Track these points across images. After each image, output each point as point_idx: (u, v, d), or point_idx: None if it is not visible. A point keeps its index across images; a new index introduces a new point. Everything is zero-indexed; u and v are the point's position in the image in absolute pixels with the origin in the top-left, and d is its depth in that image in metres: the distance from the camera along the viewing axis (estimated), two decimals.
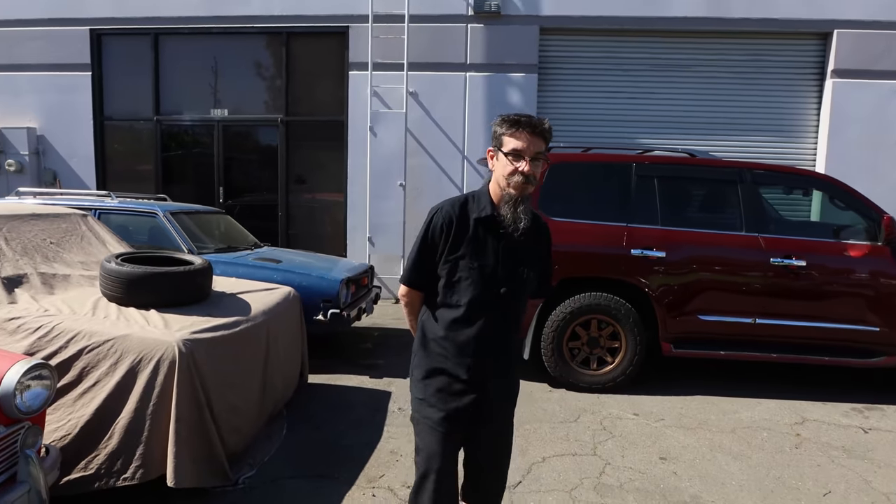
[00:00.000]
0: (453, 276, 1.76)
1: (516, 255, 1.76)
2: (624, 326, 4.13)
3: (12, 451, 2.08)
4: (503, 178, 1.69)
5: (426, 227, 1.78)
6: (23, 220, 3.46)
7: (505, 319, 1.79)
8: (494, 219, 1.72)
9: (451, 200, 1.80)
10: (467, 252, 1.74)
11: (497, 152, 1.72)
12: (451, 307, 1.79)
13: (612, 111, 7.43)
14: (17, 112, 8.10)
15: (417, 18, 7.16)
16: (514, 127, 1.67)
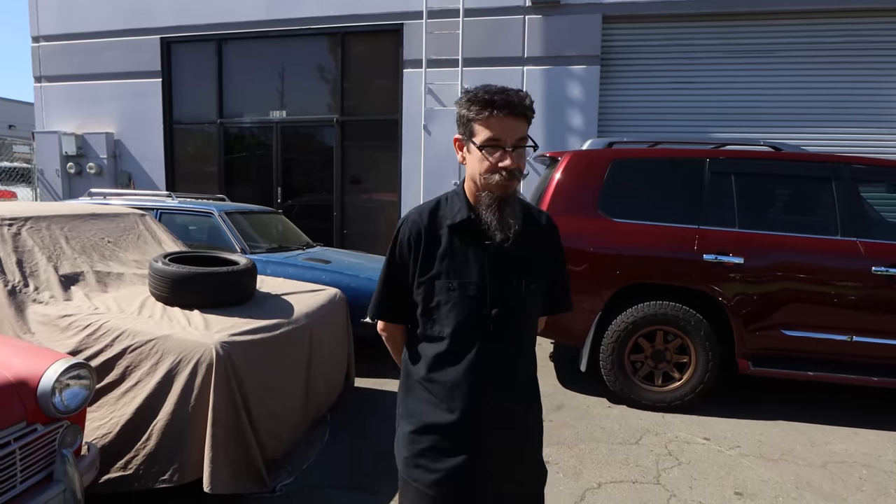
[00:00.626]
0: (430, 301, 1.39)
1: (510, 265, 1.39)
2: (694, 339, 3.76)
3: (50, 450, 2.08)
4: (479, 176, 1.33)
5: (392, 245, 1.44)
6: (83, 220, 3.54)
7: (504, 349, 1.40)
8: (473, 223, 1.37)
9: (418, 207, 1.46)
10: (443, 269, 1.38)
11: (467, 142, 1.35)
12: (433, 340, 1.41)
13: (682, 103, 6.93)
14: (97, 118, 8.58)
15: (473, 12, 6.97)
16: (486, 109, 1.28)
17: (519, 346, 1.44)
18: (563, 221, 3.96)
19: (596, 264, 3.91)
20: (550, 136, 6.91)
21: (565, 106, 6.89)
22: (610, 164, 3.99)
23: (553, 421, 3.67)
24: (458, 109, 1.36)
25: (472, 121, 1.31)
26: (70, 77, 8.67)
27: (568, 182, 4.03)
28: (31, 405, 1.99)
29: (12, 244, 3.01)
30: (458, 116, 1.36)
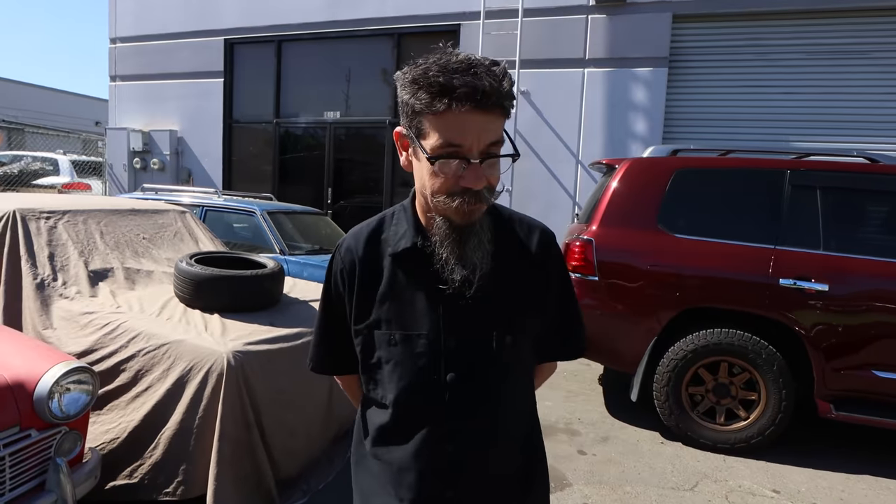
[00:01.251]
0: (369, 355, 1.03)
1: (477, 312, 0.98)
2: (765, 375, 3.31)
3: (45, 457, 1.98)
4: (432, 192, 0.91)
5: (326, 278, 1.10)
6: (121, 215, 3.52)
7: (466, 429, 1.00)
8: (421, 253, 0.98)
9: (356, 229, 1.09)
10: (382, 315, 1.00)
11: (413, 143, 0.92)
12: (377, 406, 1.06)
13: (757, 109, 6.33)
14: (162, 116, 8.88)
15: (532, 12, 6.67)
16: (441, 98, 0.84)
17: (494, 423, 1.02)
18: (619, 235, 3.66)
19: (652, 283, 3.52)
20: (611, 142, 6.51)
21: (628, 111, 6.46)
22: (673, 173, 3.60)
23: (597, 455, 3.32)
24: (399, 90, 0.91)
25: (420, 114, 0.88)
26: (141, 77, 9.03)
27: (625, 192, 3.67)
28: (27, 409, 1.89)
29: (47, 237, 3.00)
30: (401, 102, 0.91)
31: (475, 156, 0.87)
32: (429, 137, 0.89)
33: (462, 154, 0.87)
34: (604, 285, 3.60)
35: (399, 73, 0.92)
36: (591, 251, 3.59)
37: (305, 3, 7.81)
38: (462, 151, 0.87)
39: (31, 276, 2.81)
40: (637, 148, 6.31)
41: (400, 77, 0.91)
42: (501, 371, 1.01)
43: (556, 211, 6.75)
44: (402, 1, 7.32)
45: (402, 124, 0.94)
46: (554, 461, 3.21)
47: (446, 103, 0.84)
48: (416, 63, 0.89)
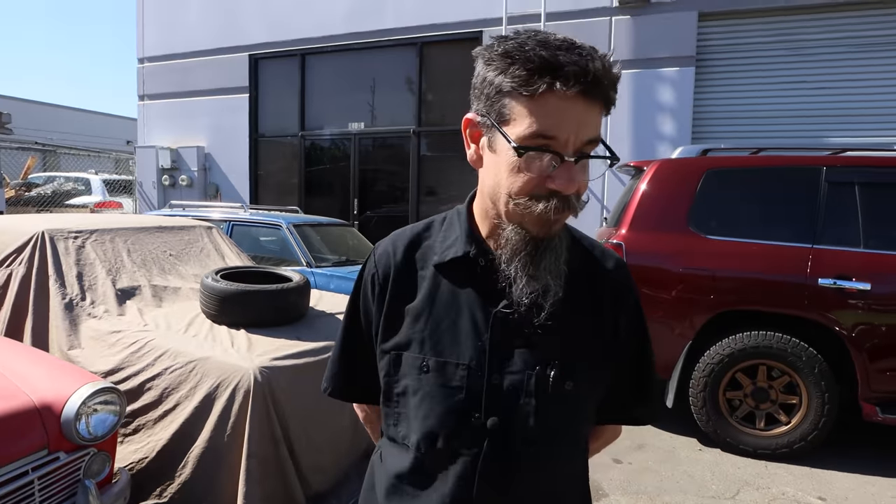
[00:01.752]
0: (394, 383, 0.86)
1: (536, 344, 0.81)
2: (806, 378, 3.17)
3: (74, 479, 1.98)
4: (506, 197, 0.76)
5: (355, 287, 0.96)
6: (148, 233, 3.57)
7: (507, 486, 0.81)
8: (474, 264, 0.84)
9: (397, 233, 0.94)
10: (415, 335, 0.84)
11: (491, 131, 0.77)
12: (396, 446, 0.88)
13: (789, 105, 6.13)
14: (190, 133, 9.07)
15: (554, 16, 6.61)
16: (539, 78, 0.69)
17: (541, 481, 0.83)
18: (649, 238, 3.56)
19: (686, 287, 3.42)
20: (638, 144, 6.39)
21: (655, 112, 6.32)
22: (704, 174, 3.49)
23: (632, 464, 3.22)
24: (481, 67, 0.76)
25: (509, 95, 0.72)
26: (168, 95, 9.24)
27: (654, 194, 3.57)
28: (55, 432, 1.90)
29: (75, 257, 3.05)
30: (479, 81, 0.76)
31: (570, 153, 0.72)
32: (516, 125, 0.73)
33: (556, 149, 0.72)
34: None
35: (481, 48, 0.77)
36: (622, 255, 3.49)
37: (327, 16, 7.89)
38: (556, 146, 0.72)
39: (59, 295, 2.85)
40: (665, 149, 6.17)
41: (483, 52, 0.76)
42: (550, 421, 0.81)
43: (584, 215, 6.29)
44: (423, 10, 7.33)
45: (476, 110, 0.79)
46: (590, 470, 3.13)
47: (548, 82, 0.69)
48: (505, 38, 0.74)
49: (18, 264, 2.91)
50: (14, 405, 1.82)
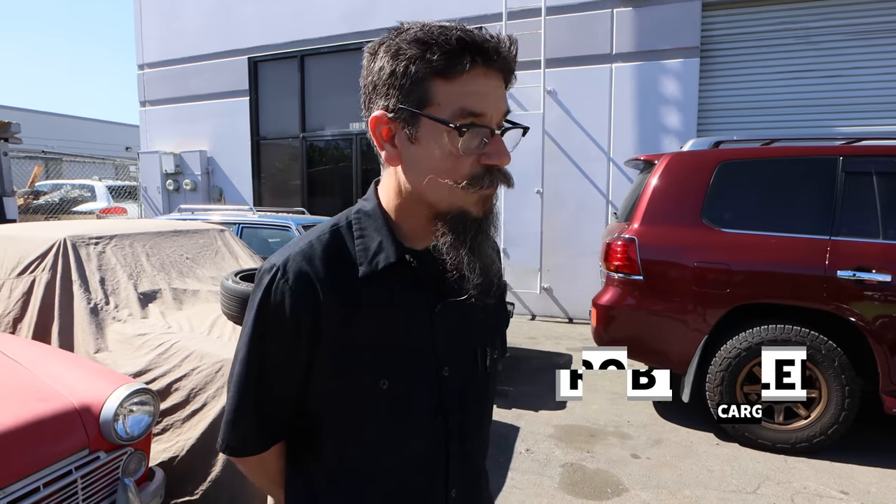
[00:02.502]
0: (342, 417, 0.81)
1: (467, 331, 0.86)
2: (825, 371, 3.18)
3: (113, 478, 2.00)
4: (447, 185, 0.74)
5: (256, 321, 0.78)
6: (165, 237, 3.58)
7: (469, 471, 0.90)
8: (408, 268, 0.80)
9: (300, 248, 0.79)
10: (363, 358, 0.78)
11: (417, 122, 0.74)
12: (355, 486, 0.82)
13: (798, 95, 6.11)
14: (192, 137, 9.06)
15: (555, 10, 6.61)
16: (462, 54, 0.70)
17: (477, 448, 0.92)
18: (662, 233, 3.57)
19: (700, 281, 3.43)
20: (643, 138, 6.39)
21: (659, 104, 6.34)
22: (717, 166, 3.51)
23: (651, 459, 3.24)
24: (389, 62, 0.74)
25: (429, 78, 0.71)
26: (169, 100, 9.23)
27: (666, 188, 3.59)
28: (94, 432, 1.92)
29: (97, 262, 3.06)
30: (391, 74, 0.73)
31: (498, 123, 0.74)
32: (440, 109, 0.71)
33: (487, 124, 0.72)
34: (648, 284, 3.52)
35: (374, 43, 0.76)
36: (634, 250, 3.52)
37: (324, 17, 7.89)
38: (484, 121, 0.72)
39: (84, 300, 2.87)
40: (670, 142, 6.19)
41: (384, 45, 0.74)
42: (488, 404, 0.93)
43: (589, 211, 6.65)
44: (418, 7, 7.32)
45: (385, 106, 0.75)
46: (607, 465, 3.15)
47: (471, 60, 0.69)
48: (402, 28, 0.74)
49: (42, 271, 2.93)
50: (56, 407, 1.84)
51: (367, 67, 0.78)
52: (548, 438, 3.50)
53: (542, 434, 3.55)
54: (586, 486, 2.94)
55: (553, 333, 6.24)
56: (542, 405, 4.04)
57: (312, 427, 0.82)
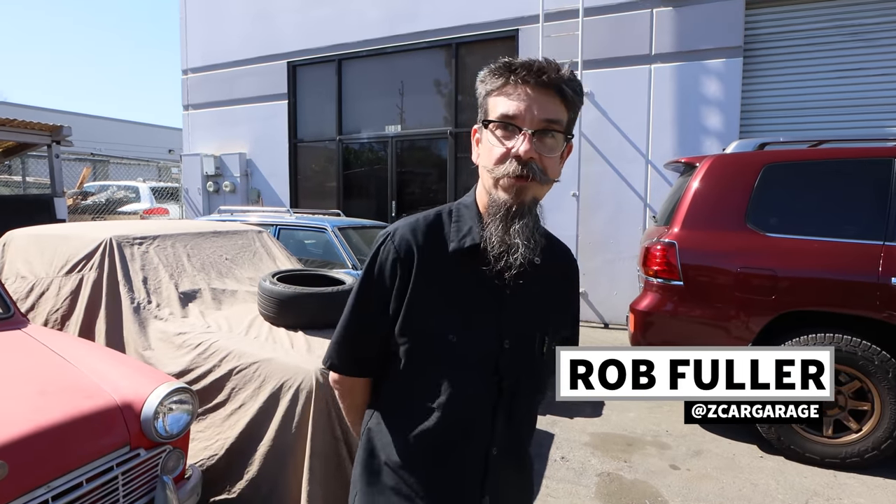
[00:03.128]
0: (416, 359, 1.00)
1: (528, 316, 1.03)
2: (878, 383, 3.03)
3: (152, 475, 2.05)
4: (486, 171, 0.97)
5: (368, 269, 1.03)
6: (205, 238, 3.67)
7: (513, 437, 1.05)
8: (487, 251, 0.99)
9: (410, 221, 1.03)
10: (442, 316, 0.98)
11: (481, 129, 1.00)
12: (416, 411, 1.01)
13: (847, 94, 5.86)
14: (232, 140, 9.28)
15: (593, 11, 6.52)
16: (500, 76, 0.94)
17: (528, 434, 1.11)
18: (704, 237, 3.47)
19: (744, 287, 3.32)
20: (683, 140, 6.23)
21: (700, 106, 6.17)
22: (762, 169, 3.39)
23: (691, 470, 3.14)
24: (477, 87, 1.01)
25: (488, 95, 0.97)
26: (211, 104, 9.49)
27: (708, 191, 3.48)
28: (135, 429, 1.97)
29: (140, 262, 3.15)
30: (478, 98, 1.01)
31: (531, 125, 0.92)
32: (490, 115, 0.97)
33: (516, 125, 0.93)
34: (689, 290, 3.42)
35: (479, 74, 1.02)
36: (675, 254, 3.43)
37: (363, 21, 7.98)
38: (516, 122, 0.93)
39: (128, 299, 2.95)
40: (711, 144, 6.01)
41: (477, 76, 1.01)
42: (543, 380, 1.07)
43: (626, 214, 6.52)
44: (458, 11, 7.34)
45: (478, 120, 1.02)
46: (645, 476, 3.07)
47: (506, 77, 0.93)
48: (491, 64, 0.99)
49: (89, 269, 3.03)
50: (100, 404, 1.89)
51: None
52: (583, 446, 3.43)
53: (577, 442, 3.49)
54: (623, 497, 2.87)
55: (589, 339, 6.14)
56: (578, 412, 3.97)
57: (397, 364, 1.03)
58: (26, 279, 3.26)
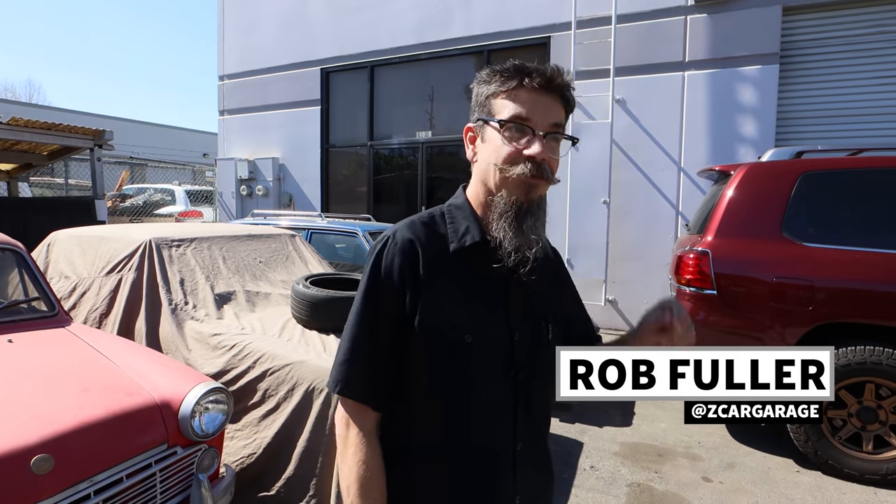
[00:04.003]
0: (437, 364, 0.96)
1: (532, 307, 1.04)
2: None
3: (188, 473, 2.10)
4: (494, 168, 0.97)
5: (371, 274, 0.98)
6: (240, 241, 3.75)
7: (534, 431, 1.06)
8: (487, 247, 0.99)
9: (407, 223, 1.02)
10: (453, 314, 0.96)
11: (482, 127, 1.00)
12: (448, 423, 0.98)
13: (885, 102, 5.68)
14: (266, 145, 9.47)
15: (626, 18, 6.46)
16: (514, 78, 0.96)
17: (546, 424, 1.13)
18: (738, 246, 3.40)
19: (780, 297, 3.24)
20: (716, 148, 6.12)
21: (735, 113, 6.05)
22: (799, 177, 3.31)
23: (724, 483, 3.08)
24: (475, 87, 1.02)
25: (494, 95, 0.98)
26: (246, 109, 9.71)
27: (743, 200, 3.42)
28: (173, 428, 2.02)
29: (178, 264, 3.24)
30: (474, 97, 1.02)
31: (542, 128, 0.96)
32: (500, 112, 0.97)
33: (529, 126, 0.96)
34: (723, 300, 3.36)
35: (476, 77, 1.04)
36: (708, 263, 3.37)
37: (396, 27, 8.07)
38: (530, 124, 0.96)
39: (166, 300, 3.04)
40: (746, 152, 5.89)
41: (477, 78, 1.03)
42: (552, 367, 1.03)
43: (658, 222, 6.43)
44: (489, 18, 7.36)
45: (472, 119, 1.03)
46: (677, 488, 3.02)
47: (518, 80, 0.96)
48: (490, 67, 1.02)
49: (128, 270, 3.13)
50: (139, 402, 1.96)
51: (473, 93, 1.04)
52: (613, 456, 3.39)
53: (606, 451, 3.45)
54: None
55: None
56: (607, 421, 3.93)
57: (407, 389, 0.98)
58: (69, 279, 3.39)
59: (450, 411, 0.97)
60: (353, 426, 0.97)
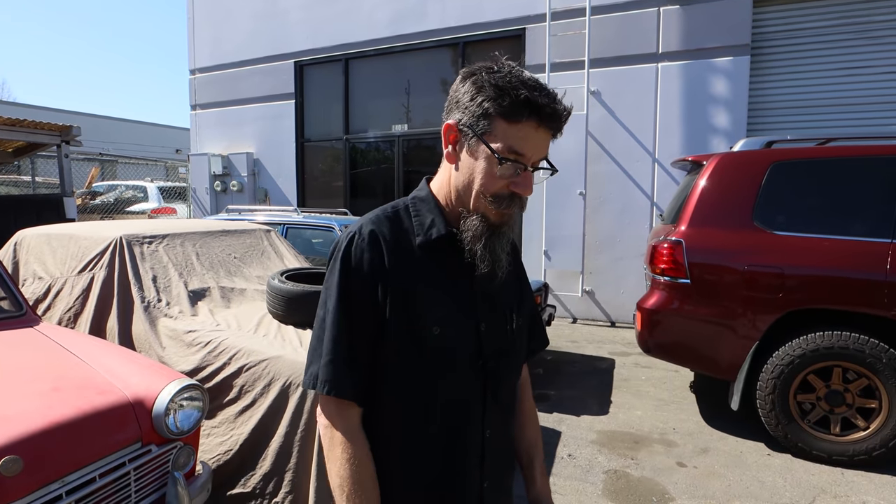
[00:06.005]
0: (407, 356, 0.97)
1: (496, 298, 1.06)
2: (886, 381, 3.02)
3: (163, 471, 2.07)
4: (477, 193, 0.95)
5: (342, 269, 0.96)
6: (214, 237, 3.69)
7: (502, 418, 1.08)
8: (453, 241, 0.99)
9: (372, 217, 1.01)
10: (418, 310, 0.96)
11: (476, 142, 0.94)
12: (419, 414, 0.99)
13: (855, 92, 5.85)
14: (240, 140, 9.33)
15: (600, 10, 6.51)
16: (525, 111, 0.90)
17: (512, 413, 1.15)
18: (710, 235, 3.47)
19: (751, 285, 3.31)
20: (690, 138, 6.22)
21: (707, 104, 6.15)
22: (769, 167, 3.38)
23: (698, 468, 3.14)
24: (471, 90, 0.94)
25: (497, 116, 0.91)
26: (218, 104, 9.54)
27: (715, 189, 3.48)
28: (147, 426, 1.99)
29: (150, 261, 3.18)
30: (471, 100, 0.93)
31: (534, 164, 0.95)
32: (495, 139, 0.92)
33: (523, 162, 0.93)
34: (696, 288, 3.42)
35: (468, 70, 0.97)
36: (682, 253, 3.43)
37: (370, 20, 8.00)
38: (523, 160, 0.93)
39: (139, 298, 2.98)
40: (718, 142, 6.00)
41: (475, 77, 0.94)
42: (519, 357, 1.12)
43: (633, 213, 6.52)
44: (464, 10, 7.35)
45: (458, 119, 0.96)
46: (652, 473, 3.07)
47: (528, 117, 0.90)
48: (490, 69, 0.94)
49: (99, 268, 3.06)
50: (112, 400, 1.92)
51: (458, 83, 0.98)
52: (590, 444, 3.44)
53: (584, 439, 3.50)
54: (630, 495, 2.88)
55: (595, 337, 6.14)
56: (584, 410, 3.98)
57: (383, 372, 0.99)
58: (43, 279, 3.30)
59: (419, 401, 0.98)
60: (339, 424, 0.96)
